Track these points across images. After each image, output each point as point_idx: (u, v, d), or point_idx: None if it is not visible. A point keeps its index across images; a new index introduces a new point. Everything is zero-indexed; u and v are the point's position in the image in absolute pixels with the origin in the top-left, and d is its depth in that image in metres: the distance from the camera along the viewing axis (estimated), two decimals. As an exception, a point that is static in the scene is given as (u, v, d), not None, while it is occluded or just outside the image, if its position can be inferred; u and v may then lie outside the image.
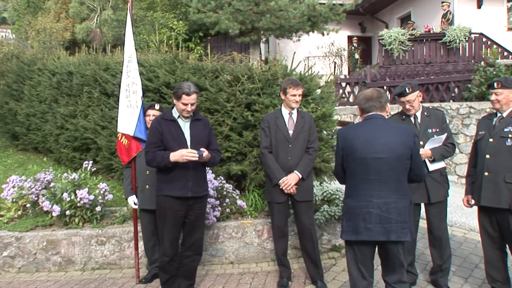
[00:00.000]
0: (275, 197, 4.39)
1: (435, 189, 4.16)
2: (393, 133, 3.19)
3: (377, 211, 3.11)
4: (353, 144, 3.19)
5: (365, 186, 3.15)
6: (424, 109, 4.32)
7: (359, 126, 3.29)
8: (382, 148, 3.12)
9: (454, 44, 13.53)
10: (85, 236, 5.01)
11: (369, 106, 3.29)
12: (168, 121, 3.94)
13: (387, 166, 3.12)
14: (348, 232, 3.20)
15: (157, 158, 3.84)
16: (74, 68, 7.66)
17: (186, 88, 3.84)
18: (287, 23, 12.44)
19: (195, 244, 4.10)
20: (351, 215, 3.20)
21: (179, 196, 3.88)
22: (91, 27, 18.04)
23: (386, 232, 3.10)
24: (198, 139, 3.96)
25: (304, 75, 5.90)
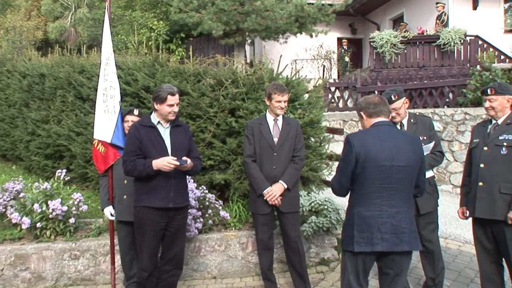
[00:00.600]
0: (259, 208, 4.45)
1: (424, 200, 4.20)
2: (408, 141, 3.30)
3: (391, 221, 3.17)
4: (370, 150, 3.20)
5: (380, 194, 3.19)
6: (410, 116, 4.39)
7: (372, 132, 3.32)
8: (402, 156, 3.20)
9: (448, 47, 13.73)
10: (57, 250, 4.98)
11: (379, 111, 3.34)
12: (147, 127, 3.96)
13: (404, 174, 3.20)
14: (362, 243, 3.19)
15: (138, 167, 3.85)
16: (46, 70, 7.64)
17: (169, 89, 3.90)
18: (274, 24, 12.56)
19: (175, 258, 4.11)
20: (363, 225, 3.21)
21: (159, 207, 3.90)
22: (65, 26, 17.96)
23: (400, 243, 3.16)
24: (179, 147, 3.99)
25: (291, 79, 5.98)
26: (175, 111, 3.94)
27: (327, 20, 13.82)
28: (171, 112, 3.92)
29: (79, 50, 8.79)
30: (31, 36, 17.10)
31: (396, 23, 17.34)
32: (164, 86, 3.98)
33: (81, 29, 17.34)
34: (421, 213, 4.24)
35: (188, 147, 4.10)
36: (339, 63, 17.70)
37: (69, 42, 15.64)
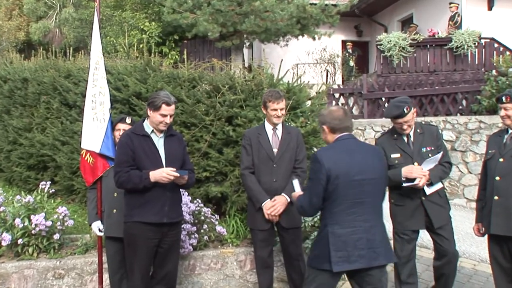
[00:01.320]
0: (258, 223, 4.48)
1: (436, 213, 4.28)
2: (373, 153, 3.51)
3: (366, 236, 3.31)
4: (341, 166, 3.32)
5: (353, 210, 3.32)
6: (417, 126, 4.43)
7: (339, 147, 3.44)
8: (371, 169, 3.38)
9: (461, 50, 13.75)
10: (40, 269, 4.97)
11: (345, 127, 3.49)
12: (140, 136, 3.98)
13: (374, 187, 3.38)
14: (339, 263, 3.29)
15: (133, 179, 3.86)
16: (29, 74, 7.68)
17: (166, 97, 3.90)
18: (274, 25, 12.61)
19: (167, 277, 4.13)
20: (339, 243, 3.31)
21: (153, 223, 3.91)
22: (49, 27, 18.05)
23: (377, 257, 3.31)
24: (174, 157, 4.03)
25: (292, 85, 6.03)
26: (167, 122, 3.95)
27: (331, 22, 13.87)
28: (162, 122, 3.93)
29: (65, 52, 8.84)
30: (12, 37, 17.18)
31: (405, 25, 17.42)
32: (161, 93, 3.99)
33: (66, 30, 17.42)
34: (435, 226, 4.30)
35: (183, 158, 4.14)
36: (343, 68, 17.77)
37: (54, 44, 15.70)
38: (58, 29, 18.10)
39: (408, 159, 4.32)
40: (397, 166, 4.31)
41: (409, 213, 4.36)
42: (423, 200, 4.31)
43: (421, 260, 5.74)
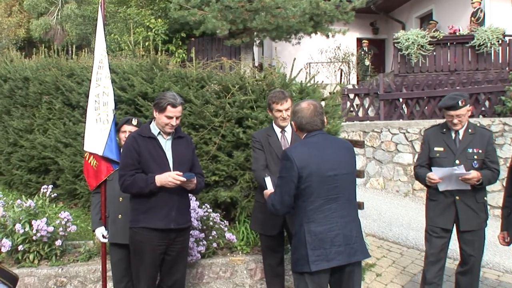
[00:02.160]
0: (266, 228, 4.49)
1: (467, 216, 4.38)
2: (342, 147, 3.59)
3: (343, 231, 3.41)
4: (312, 162, 3.40)
5: (328, 206, 3.41)
6: (469, 126, 4.50)
7: (310, 143, 3.52)
8: (343, 164, 3.49)
9: (484, 48, 13.71)
10: (41, 277, 5.00)
11: (312, 125, 3.54)
12: (146, 138, 3.99)
13: (347, 182, 3.50)
14: (317, 262, 3.36)
15: (138, 183, 3.87)
16: (30, 73, 7.72)
17: (171, 99, 3.90)
18: (285, 22, 12.62)
19: (175, 285, 4.14)
20: (316, 242, 3.38)
21: (160, 229, 3.93)
22: (50, 24, 18.20)
23: (355, 253, 3.43)
24: (181, 160, 4.04)
25: (305, 85, 6.02)
26: (173, 124, 3.95)
27: (346, 19, 13.87)
28: (168, 124, 3.94)
29: (67, 50, 8.91)
30: (12, 35, 17.34)
31: (424, 22, 17.39)
32: (167, 94, 3.99)
33: (68, 27, 17.55)
34: (461, 229, 4.43)
35: (191, 161, 4.15)
36: (358, 67, 17.75)
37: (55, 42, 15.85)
38: (59, 26, 18.24)
39: (450, 155, 4.45)
40: (437, 159, 4.49)
41: (440, 210, 4.51)
42: (456, 200, 4.41)
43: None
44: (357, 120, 12.20)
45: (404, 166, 10.06)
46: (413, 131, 10.10)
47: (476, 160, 4.40)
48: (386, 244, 6.78)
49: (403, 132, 10.20)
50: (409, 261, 6.20)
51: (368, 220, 7.59)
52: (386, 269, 5.95)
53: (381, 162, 10.40)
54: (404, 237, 6.93)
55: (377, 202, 9.02)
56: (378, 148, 10.50)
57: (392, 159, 10.16)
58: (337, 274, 3.47)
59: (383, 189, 10.19)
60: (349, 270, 3.45)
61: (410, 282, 5.63)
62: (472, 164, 4.39)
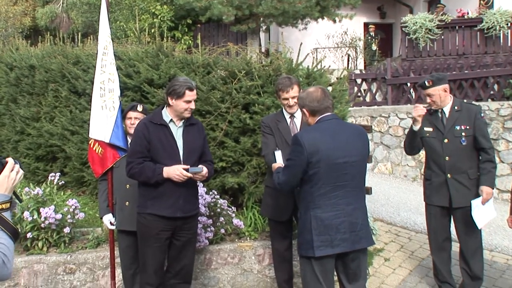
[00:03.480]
0: (275, 213, 4.49)
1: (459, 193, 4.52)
2: (355, 133, 3.59)
3: (349, 219, 3.44)
4: (323, 149, 3.40)
5: (336, 193, 3.43)
6: (455, 103, 4.62)
7: (322, 129, 3.52)
8: (354, 151, 3.48)
9: (493, 31, 13.56)
10: (50, 264, 5.03)
11: (325, 107, 3.55)
12: (157, 125, 3.97)
13: (357, 169, 3.50)
14: (322, 247, 3.41)
15: (146, 172, 3.88)
16: (36, 61, 7.71)
17: (187, 83, 3.94)
18: (292, 8, 12.55)
19: (183, 271, 4.17)
20: (321, 227, 3.43)
21: (167, 216, 3.94)
22: (56, 12, 18.16)
23: (359, 240, 3.48)
24: (192, 149, 4.04)
25: (312, 70, 5.98)
26: (192, 108, 3.99)
27: (353, 3, 13.80)
28: (187, 109, 3.95)
29: (73, 38, 8.87)
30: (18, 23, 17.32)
31: (432, 5, 17.24)
32: (180, 79, 4.02)
33: (74, 15, 17.50)
34: (453, 206, 4.57)
35: (202, 149, 4.14)
36: (366, 52, 17.65)
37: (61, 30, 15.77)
38: (65, 14, 18.19)
39: (439, 134, 4.61)
40: (427, 139, 4.70)
41: (434, 189, 4.68)
42: (448, 178, 4.56)
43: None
44: (364, 105, 12.13)
45: (412, 151, 10.01)
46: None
47: (464, 136, 4.52)
48: (394, 229, 6.76)
49: (411, 117, 10.11)
50: (417, 245, 6.19)
51: (376, 205, 7.57)
52: (394, 254, 5.95)
53: (388, 147, 10.36)
54: (412, 221, 6.91)
55: (385, 187, 9.00)
56: (386, 133, 10.45)
57: (400, 144, 10.10)
58: (342, 259, 3.52)
59: (391, 174, 10.16)
60: (355, 257, 3.50)
61: (419, 266, 5.63)
62: (460, 141, 4.52)
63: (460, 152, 4.53)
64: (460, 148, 4.52)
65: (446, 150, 4.57)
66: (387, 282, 5.34)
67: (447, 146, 4.56)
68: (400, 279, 5.38)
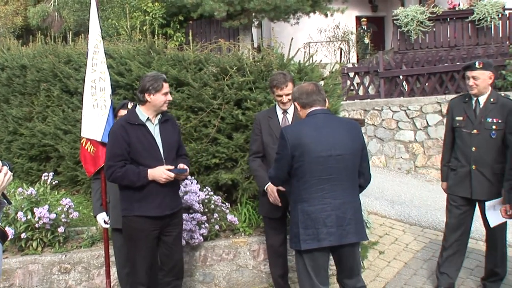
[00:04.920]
0: (269, 211, 4.50)
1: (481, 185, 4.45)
2: (344, 128, 3.59)
3: (336, 212, 3.45)
4: (306, 142, 3.45)
5: (321, 187, 3.46)
6: (492, 95, 4.53)
7: (307, 123, 3.58)
8: (339, 145, 3.47)
9: (484, 22, 13.60)
10: (45, 264, 5.01)
11: (313, 100, 3.59)
12: (135, 125, 3.91)
13: (343, 163, 3.48)
14: (308, 241, 3.45)
15: (130, 176, 3.83)
16: (28, 61, 7.68)
17: (160, 76, 3.95)
18: (283, 2, 12.54)
19: (176, 267, 4.17)
20: (308, 221, 3.47)
21: (155, 216, 3.93)
22: (47, 11, 18.09)
23: (347, 234, 3.46)
24: (170, 145, 4.03)
25: (303, 65, 5.97)
26: (170, 99, 4.00)
27: (344, -3, 13.78)
28: (165, 101, 3.94)
29: (65, 37, 8.84)
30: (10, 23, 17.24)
31: (423, -2, 17.24)
32: (151, 74, 4.00)
33: (66, 14, 17.44)
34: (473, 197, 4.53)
35: (178, 144, 4.15)
36: (358, 45, 17.66)
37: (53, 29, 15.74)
38: (57, 12, 18.13)
39: (469, 124, 4.53)
40: (458, 129, 4.61)
41: (459, 179, 4.60)
42: (472, 169, 4.50)
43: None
44: (357, 98, 12.14)
45: (406, 143, 10.03)
46: (414, 108, 10.07)
47: (495, 130, 4.40)
48: (389, 221, 6.77)
49: (404, 110, 10.16)
50: (412, 238, 6.20)
51: (370, 198, 7.58)
52: (389, 247, 5.95)
53: (382, 140, 10.38)
54: (406, 214, 6.92)
55: (379, 180, 9.00)
56: (379, 126, 10.46)
57: (393, 137, 10.13)
58: (336, 252, 3.56)
59: (385, 167, 10.18)
60: (347, 250, 3.51)
61: (413, 259, 5.64)
62: (490, 134, 4.42)
63: (488, 144, 4.44)
64: (489, 140, 4.43)
65: (474, 140, 4.49)
66: (382, 275, 5.34)
67: (475, 137, 4.48)
68: (395, 272, 5.38)
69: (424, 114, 9.86)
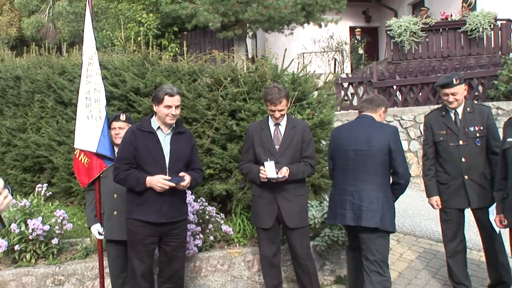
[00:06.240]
0: (261, 221, 4.52)
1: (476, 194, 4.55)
2: (376, 130, 4.21)
3: (350, 198, 4.15)
4: (338, 138, 4.38)
5: (343, 175, 4.26)
6: (467, 104, 4.67)
7: (348, 124, 4.57)
8: (361, 142, 4.17)
9: (476, 33, 13.67)
10: (38, 276, 4.98)
11: (361, 106, 4.47)
12: (145, 132, 4.02)
13: (364, 158, 4.15)
14: (330, 218, 4.45)
15: (130, 180, 3.95)
16: (22, 72, 7.68)
17: (168, 89, 3.99)
18: (277, 13, 12.58)
19: (175, 276, 4.20)
20: (331, 203, 4.40)
21: (152, 222, 3.97)
22: (42, 22, 18.09)
23: (355, 218, 4.11)
24: (179, 156, 4.06)
25: (297, 75, 6.00)
26: (173, 114, 3.99)
27: (338, 8, 13.84)
28: (168, 114, 3.97)
29: (59, 48, 8.86)
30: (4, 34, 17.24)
31: (416, 8, 17.35)
32: (164, 86, 4.08)
33: (60, 25, 17.45)
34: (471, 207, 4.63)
35: (189, 157, 4.17)
36: (352, 56, 17.72)
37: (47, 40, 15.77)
38: (51, 23, 18.13)
39: (453, 137, 4.64)
40: (442, 143, 4.72)
41: (453, 192, 4.67)
42: (465, 180, 4.58)
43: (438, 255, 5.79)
44: (351, 109, 12.16)
45: (400, 153, 10.04)
46: (407, 118, 10.09)
47: (479, 137, 4.56)
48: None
49: (397, 120, 10.18)
50: (406, 247, 6.21)
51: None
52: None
53: (376, 150, 10.37)
54: (400, 223, 6.92)
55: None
56: (373, 136, 10.46)
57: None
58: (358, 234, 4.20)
59: (379, 177, 10.16)
60: (365, 234, 4.12)
61: (408, 268, 5.64)
62: (475, 142, 4.56)
63: (475, 153, 4.57)
64: (475, 149, 4.56)
65: (462, 151, 4.58)
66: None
67: (462, 148, 4.58)
68: (389, 282, 5.38)
69: (418, 124, 9.88)
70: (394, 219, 4.26)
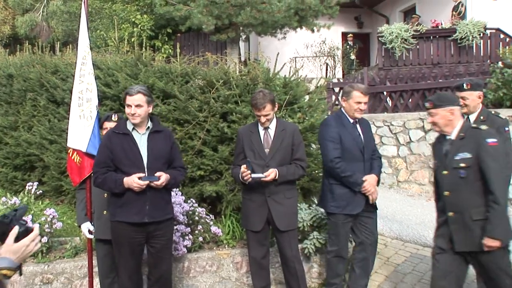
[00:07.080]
0: (251, 224, 4.52)
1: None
2: None
3: None
4: None
5: None
6: (482, 113, 4.55)
7: None
8: None
9: (466, 41, 13.83)
10: (27, 274, 4.95)
11: None
12: (120, 134, 4.01)
13: None
14: None
15: (108, 183, 3.95)
16: (15, 70, 7.66)
17: (129, 89, 4.01)
18: (271, 17, 12.61)
19: (163, 277, 4.19)
20: None
21: (135, 223, 3.96)
22: (36, 20, 18.02)
23: None
24: (157, 155, 4.04)
25: (289, 79, 6.02)
26: (133, 113, 3.94)
27: (330, 13, 13.90)
28: (129, 114, 3.97)
29: (52, 47, 8.82)
30: (-3, 32, 17.14)
31: (408, 16, 17.46)
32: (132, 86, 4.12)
33: (54, 24, 17.40)
34: None
35: (169, 156, 4.14)
36: (343, 61, 17.79)
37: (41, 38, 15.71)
38: (45, 22, 18.08)
39: None
40: None
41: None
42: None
43: (424, 260, 5.80)
44: (342, 113, 12.17)
45: (389, 158, 10.08)
46: (397, 123, 10.13)
47: None
48: (371, 235, 6.79)
49: (387, 125, 10.22)
50: (393, 251, 6.23)
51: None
52: (371, 260, 5.97)
53: (366, 155, 10.41)
54: (388, 228, 6.96)
55: (362, 194, 9.02)
56: (363, 141, 10.49)
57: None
58: None
59: (368, 181, 10.20)
60: None
61: (394, 272, 5.67)
62: None
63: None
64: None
65: None
66: (363, 288, 5.36)
67: None
68: (376, 285, 5.40)
69: (407, 129, 9.93)
70: None
